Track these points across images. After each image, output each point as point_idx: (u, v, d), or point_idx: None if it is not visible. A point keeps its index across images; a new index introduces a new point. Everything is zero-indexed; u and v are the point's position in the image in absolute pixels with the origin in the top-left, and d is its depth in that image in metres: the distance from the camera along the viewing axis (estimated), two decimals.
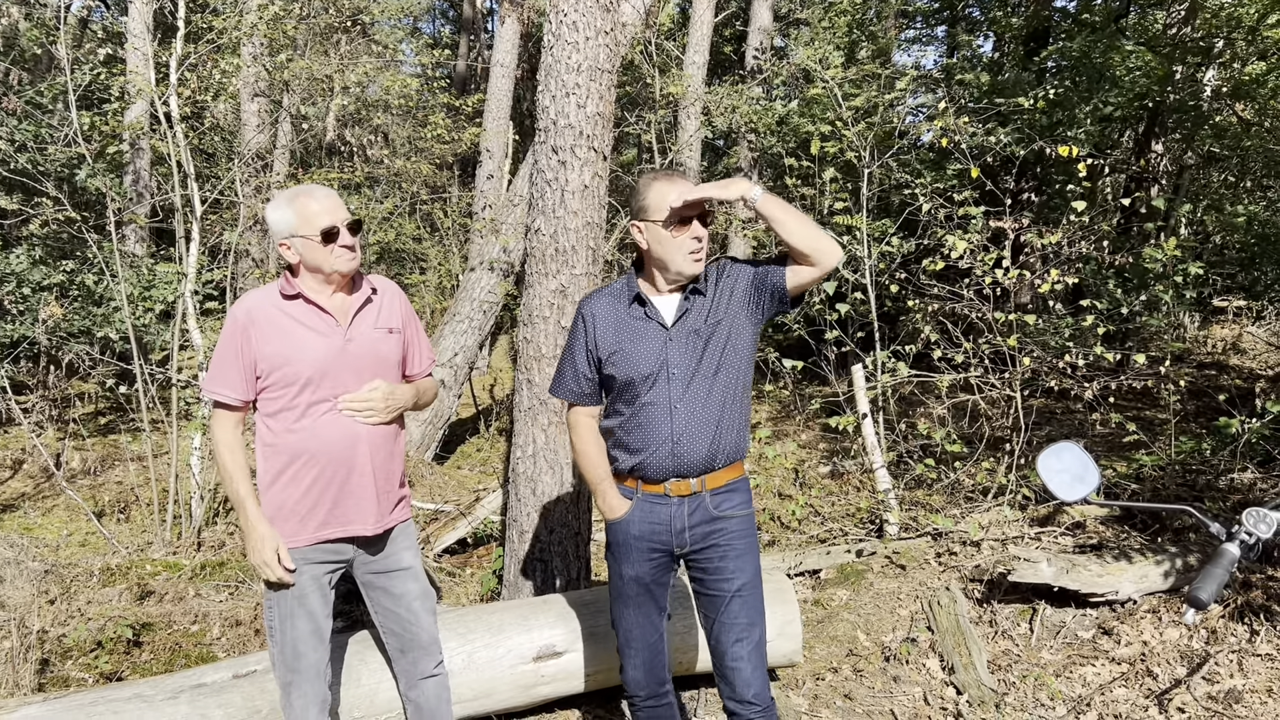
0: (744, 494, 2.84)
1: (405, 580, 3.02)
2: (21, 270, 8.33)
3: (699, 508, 2.77)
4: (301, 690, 2.84)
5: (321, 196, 2.80)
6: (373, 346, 2.89)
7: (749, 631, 2.74)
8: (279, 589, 2.82)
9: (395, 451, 2.99)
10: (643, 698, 2.94)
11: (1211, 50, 10.61)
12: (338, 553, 2.89)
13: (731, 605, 2.75)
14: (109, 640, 4.41)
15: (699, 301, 2.78)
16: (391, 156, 12.60)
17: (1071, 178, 10.92)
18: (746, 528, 2.81)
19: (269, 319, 2.79)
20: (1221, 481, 5.88)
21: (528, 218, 4.47)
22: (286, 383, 2.77)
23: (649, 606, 2.89)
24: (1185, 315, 11.74)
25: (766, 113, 11.70)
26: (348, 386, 2.82)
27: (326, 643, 2.90)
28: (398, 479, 3.01)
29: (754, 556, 2.81)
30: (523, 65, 14.27)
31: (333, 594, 2.94)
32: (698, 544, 2.79)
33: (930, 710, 4.00)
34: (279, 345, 2.77)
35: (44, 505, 6.89)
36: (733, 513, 2.79)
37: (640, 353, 2.76)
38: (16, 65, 10.86)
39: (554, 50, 4.28)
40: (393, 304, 3.01)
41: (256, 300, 2.82)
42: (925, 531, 5.70)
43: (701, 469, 2.75)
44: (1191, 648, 4.16)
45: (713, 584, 2.78)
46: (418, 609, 3.03)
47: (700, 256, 2.73)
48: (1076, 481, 2.29)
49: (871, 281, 6.40)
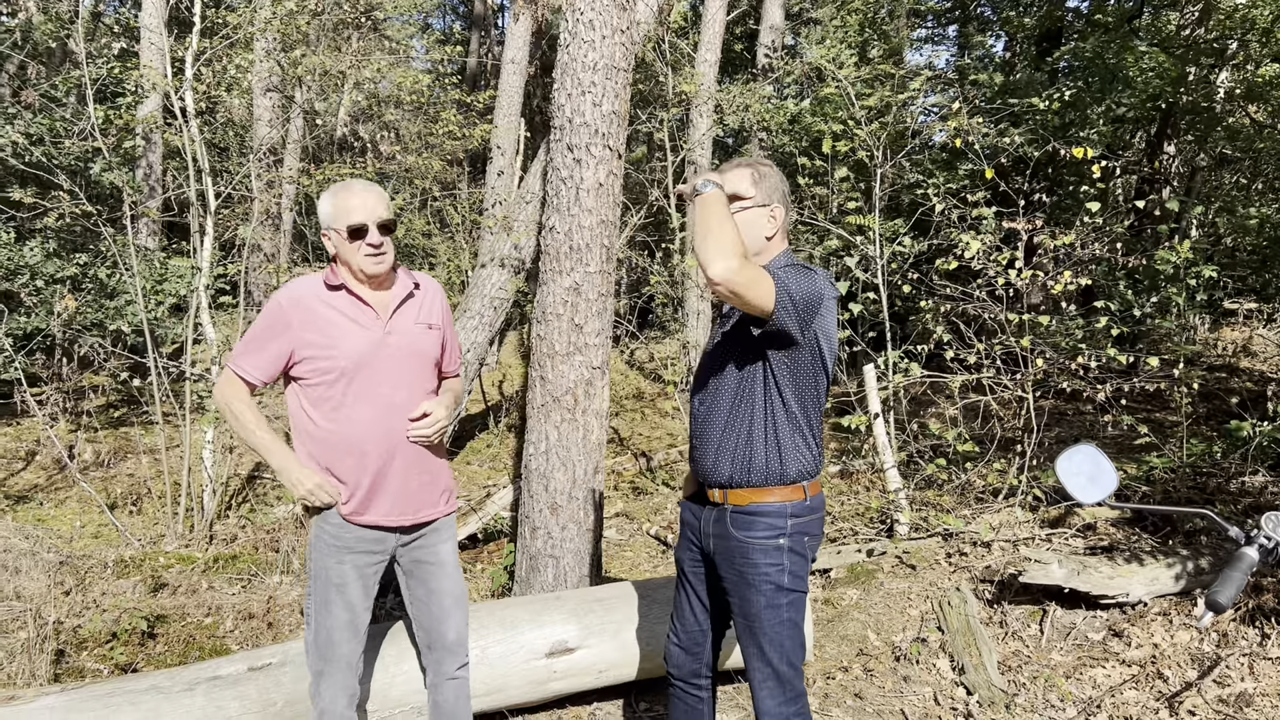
0: (776, 525, 2.60)
1: (440, 576, 3.03)
2: (35, 263, 8.38)
3: (719, 520, 2.68)
4: (332, 680, 2.86)
5: (359, 192, 2.80)
6: (412, 341, 2.90)
7: (757, 663, 2.64)
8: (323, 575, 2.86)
9: (436, 444, 3.02)
10: (675, 677, 2.93)
11: (1225, 52, 10.59)
12: (380, 542, 2.91)
13: (743, 634, 2.67)
14: (124, 632, 4.43)
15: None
16: (402, 152, 12.61)
17: (1084, 179, 10.90)
18: (767, 560, 2.59)
19: (312, 308, 2.81)
20: (1233, 484, 5.87)
21: (542, 215, 4.48)
22: (324, 372, 2.79)
23: (689, 593, 2.87)
24: (1196, 317, 11.71)
25: (778, 111, 11.70)
26: (385, 379, 2.83)
27: (362, 636, 2.92)
28: (439, 471, 3.02)
29: (771, 592, 2.59)
30: (535, 62, 14.27)
31: (375, 588, 2.95)
32: (716, 553, 2.70)
33: (940, 710, 4.00)
34: (320, 335, 2.79)
35: (57, 497, 6.93)
36: (754, 541, 2.60)
37: (705, 349, 2.82)
38: (32, 59, 10.91)
39: (570, 49, 4.29)
40: (434, 301, 3.02)
41: (302, 289, 2.84)
42: (936, 532, 5.71)
43: (715, 481, 2.68)
44: (1202, 650, 4.15)
45: (731, 604, 2.70)
46: (449, 606, 3.04)
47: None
48: (1093, 484, 2.29)
49: (883, 281, 6.41)
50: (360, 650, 2.92)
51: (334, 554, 2.86)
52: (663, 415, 10.32)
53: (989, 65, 14.46)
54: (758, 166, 2.66)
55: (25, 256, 8.36)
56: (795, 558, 2.62)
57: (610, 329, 4.54)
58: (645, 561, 5.98)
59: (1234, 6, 9.99)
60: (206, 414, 6.22)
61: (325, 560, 2.87)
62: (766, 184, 2.65)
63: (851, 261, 6.77)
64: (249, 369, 2.82)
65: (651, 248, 11.67)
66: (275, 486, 7.19)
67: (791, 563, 2.61)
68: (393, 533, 2.93)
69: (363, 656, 2.96)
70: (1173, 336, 9.95)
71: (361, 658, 2.94)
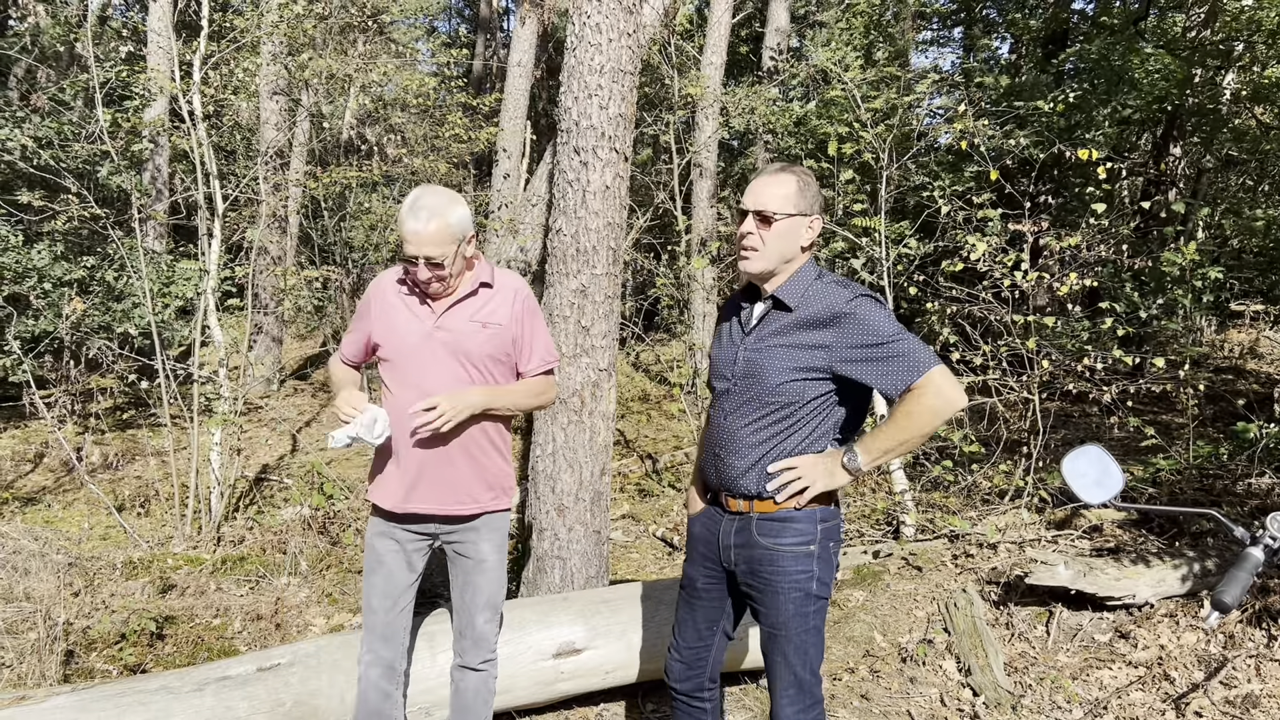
0: (805, 532, 2.58)
1: (478, 573, 3.07)
2: (44, 266, 8.42)
3: (743, 529, 2.63)
4: (369, 645, 3.04)
5: (420, 220, 2.79)
6: (460, 338, 2.93)
7: (782, 670, 2.61)
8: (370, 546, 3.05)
9: (484, 441, 3.03)
10: (678, 691, 2.90)
11: (1231, 53, 10.57)
12: (420, 530, 3.03)
13: (768, 641, 2.64)
14: (132, 633, 4.45)
15: (779, 317, 2.61)
16: (409, 155, 12.64)
17: (1090, 180, 10.89)
18: (797, 567, 2.57)
19: (384, 295, 3.02)
20: (1239, 486, 5.87)
21: (548, 218, 4.50)
22: (384, 357, 3.00)
23: (700, 610, 2.82)
24: (1202, 319, 11.69)
25: (784, 114, 11.71)
26: (426, 371, 2.91)
27: (401, 609, 3.05)
28: (485, 467, 3.04)
29: (799, 599, 2.57)
30: (540, 65, 14.30)
31: (420, 568, 3.09)
32: (741, 566, 2.65)
33: (947, 711, 4.01)
34: (383, 321, 2.99)
35: (65, 499, 6.96)
36: (783, 548, 2.57)
37: (721, 357, 2.73)
38: (40, 63, 10.96)
39: (577, 52, 4.31)
40: (504, 300, 3.02)
41: (385, 278, 3.07)
42: (942, 533, 5.71)
43: (741, 493, 2.62)
44: (1209, 652, 4.15)
45: (757, 612, 2.67)
46: (481, 604, 3.08)
47: (745, 254, 2.60)
48: (1099, 485, 2.30)
49: (889, 283, 6.41)
50: (401, 625, 3.07)
51: (376, 528, 3.05)
52: (669, 417, 10.32)
53: (994, 67, 14.46)
54: (801, 175, 2.62)
55: (33, 259, 8.40)
56: (824, 565, 2.60)
57: (617, 331, 4.55)
58: (652, 563, 5.99)
59: (1240, 8, 9.98)
60: (214, 416, 6.24)
61: (371, 532, 3.07)
62: (810, 193, 2.62)
63: (857, 263, 6.78)
64: (344, 349, 3.15)
65: (658, 250, 11.68)
66: (282, 489, 7.21)
67: (820, 569, 2.59)
68: (433, 522, 3.01)
69: (406, 634, 3.10)
70: (1179, 338, 9.95)
71: (405, 634, 3.09)
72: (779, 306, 2.61)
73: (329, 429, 2.93)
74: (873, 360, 2.45)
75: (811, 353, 2.51)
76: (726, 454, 2.63)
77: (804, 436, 2.57)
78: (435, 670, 3.41)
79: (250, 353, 9.52)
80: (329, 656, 3.36)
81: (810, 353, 2.51)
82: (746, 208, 2.59)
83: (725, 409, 2.66)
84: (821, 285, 2.57)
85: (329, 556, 5.72)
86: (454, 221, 2.82)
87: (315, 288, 12.36)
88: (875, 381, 2.46)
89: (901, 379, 2.43)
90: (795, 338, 2.54)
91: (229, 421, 6.26)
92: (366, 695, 3.03)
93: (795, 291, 2.59)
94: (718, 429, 2.68)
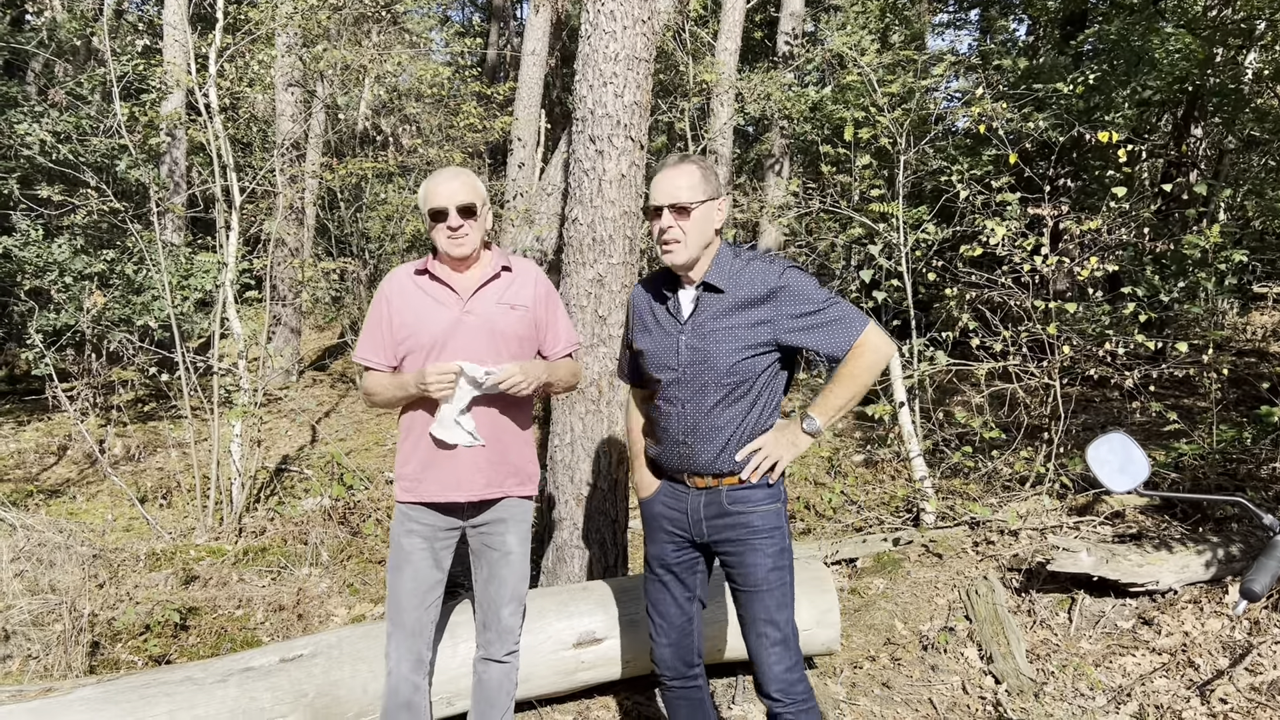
0: (768, 490, 2.74)
1: (504, 565, 3.09)
2: (64, 260, 8.47)
3: (714, 501, 2.74)
4: (398, 642, 3.03)
5: (444, 179, 2.93)
6: (489, 320, 2.96)
7: (768, 627, 2.71)
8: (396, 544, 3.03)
9: (509, 425, 3.04)
10: (670, 677, 2.98)
11: (1253, 32, 10.41)
12: (446, 521, 3.02)
13: (751, 599, 2.73)
14: (157, 624, 4.49)
15: (711, 299, 2.71)
16: (424, 145, 12.65)
17: (1110, 163, 10.79)
18: (769, 523, 2.73)
19: (403, 291, 3.00)
20: (1264, 471, 5.81)
21: (564, 207, 4.49)
22: (413, 350, 2.96)
23: (675, 587, 2.91)
24: (1225, 302, 11.57)
25: (799, 99, 11.63)
26: (460, 355, 2.90)
27: (429, 606, 3.05)
28: (511, 453, 3.05)
29: (776, 551, 2.72)
30: (555, 54, 14.26)
31: (447, 563, 3.08)
32: (716, 535, 2.76)
33: (969, 699, 4.00)
34: (408, 315, 2.97)
35: (88, 491, 7.01)
36: (751, 508, 2.72)
37: (659, 347, 2.78)
38: (57, 57, 11.00)
39: (592, 39, 4.29)
40: (525, 283, 3.08)
41: (398, 275, 3.05)
42: (962, 520, 5.68)
43: (709, 471, 2.73)
44: (1234, 638, 4.12)
45: (735, 577, 2.77)
46: (507, 597, 3.10)
47: (669, 247, 2.66)
48: (1124, 473, 2.28)
49: (907, 269, 6.37)
50: (429, 620, 3.06)
51: (403, 526, 3.03)
52: None
53: (1012, 49, 14.30)
54: (700, 162, 2.73)
55: (54, 253, 8.45)
56: (785, 520, 2.79)
57: None
58: None
59: None
60: (234, 408, 6.27)
61: (397, 531, 3.04)
62: (712, 177, 2.73)
63: (875, 249, 6.74)
64: (370, 357, 3.02)
65: None
66: (302, 479, 7.25)
67: (784, 524, 2.78)
68: (450, 513, 3.02)
69: (434, 627, 3.10)
70: (1201, 321, 9.85)
71: (432, 627, 3.09)
72: (710, 290, 2.71)
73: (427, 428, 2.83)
74: (814, 327, 2.64)
75: (755, 330, 2.65)
76: (695, 441, 2.72)
77: (761, 409, 2.72)
78: (457, 661, 3.42)
79: (269, 344, 9.56)
80: (351, 647, 3.37)
81: (754, 330, 2.65)
82: (660, 203, 2.67)
83: (679, 398, 2.74)
84: (745, 264, 2.72)
85: (350, 547, 5.75)
86: (476, 180, 2.99)
87: (332, 279, 12.40)
88: (820, 345, 2.65)
89: (844, 340, 2.63)
90: (736, 318, 2.66)
91: (249, 413, 6.29)
92: (398, 688, 3.04)
93: (723, 274, 2.71)
94: (676, 419, 2.76)
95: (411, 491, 3.00)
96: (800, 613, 3.23)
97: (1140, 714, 3.69)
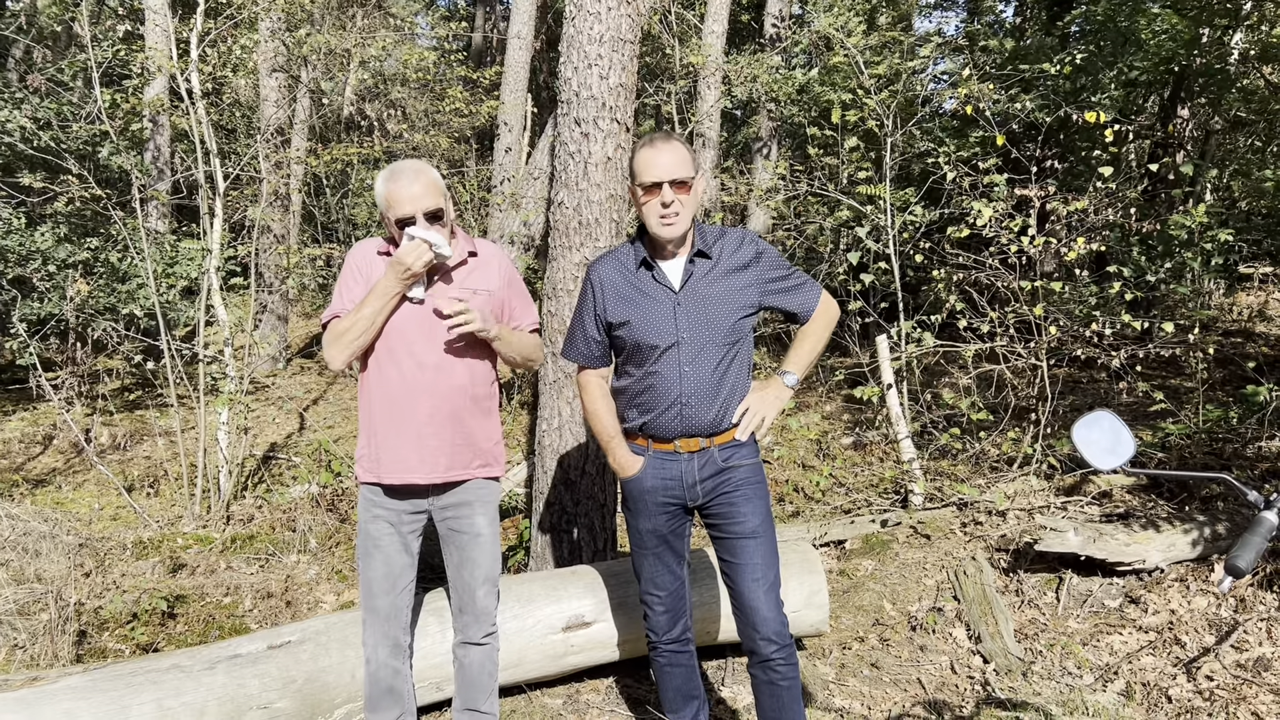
0: (752, 445, 2.94)
1: (474, 547, 3.08)
2: (47, 248, 8.41)
3: (708, 461, 2.87)
4: (373, 629, 3.03)
5: (406, 182, 2.84)
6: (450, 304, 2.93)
7: (764, 572, 2.84)
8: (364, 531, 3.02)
9: (471, 407, 3.03)
10: (666, 642, 3.06)
11: (1239, 12, 10.41)
12: (410, 505, 3.01)
13: (746, 547, 2.85)
14: (144, 612, 4.48)
15: (704, 265, 2.88)
16: (410, 130, 12.58)
17: (1097, 144, 10.79)
18: (755, 475, 2.91)
19: (371, 266, 2.96)
20: (1249, 449, 5.84)
21: (550, 191, 4.46)
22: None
23: (668, 556, 3.01)
24: (1211, 282, 11.61)
25: (787, 81, 11.59)
26: (417, 341, 2.91)
27: (401, 590, 3.04)
28: (474, 435, 3.04)
29: (764, 502, 2.91)
30: (540, 36, 14.17)
31: (416, 546, 3.07)
32: (710, 495, 2.89)
33: (957, 679, 4.01)
34: (364, 291, 2.91)
35: (75, 480, 6.98)
36: (740, 461, 2.89)
37: (652, 317, 2.84)
38: (37, 43, 10.89)
39: (576, 21, 4.25)
40: (489, 266, 3.08)
41: (366, 249, 3.02)
42: (950, 501, 5.70)
43: (709, 431, 2.86)
44: (1220, 616, 4.15)
45: (727, 528, 2.88)
46: (480, 579, 3.09)
47: (670, 220, 2.77)
48: (1110, 451, 2.27)
49: (895, 251, 6.37)
50: (403, 604, 3.06)
51: (369, 512, 3.01)
52: None
53: (999, 30, 14.28)
54: (680, 138, 2.85)
55: (37, 242, 8.39)
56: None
57: None
58: None
59: None
60: (221, 396, 6.24)
61: (364, 517, 3.03)
62: (694, 152, 2.88)
63: (863, 231, 6.73)
64: (339, 311, 2.93)
65: None
66: (290, 467, 7.23)
67: (765, 477, 2.99)
68: (412, 497, 3.00)
69: (409, 611, 3.10)
70: (1187, 302, 9.88)
71: (407, 612, 3.08)
72: (702, 257, 2.88)
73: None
74: (787, 290, 2.95)
75: (744, 292, 2.88)
76: (698, 402, 2.83)
77: (744, 365, 2.92)
78: (445, 646, 3.42)
79: (255, 332, 9.52)
80: (339, 633, 3.37)
81: (743, 292, 2.88)
82: (661, 179, 2.74)
83: (677, 361, 2.83)
84: (721, 233, 2.95)
85: (338, 534, 5.73)
86: (436, 177, 2.93)
87: (319, 265, 12.34)
88: (794, 306, 2.97)
89: (811, 301, 2.98)
90: (728, 282, 2.87)
91: (236, 401, 6.26)
92: (378, 675, 3.04)
93: (709, 243, 2.90)
94: (675, 383, 2.83)
95: (372, 472, 2.98)
96: (789, 594, 3.24)
97: (1127, 692, 3.71)
